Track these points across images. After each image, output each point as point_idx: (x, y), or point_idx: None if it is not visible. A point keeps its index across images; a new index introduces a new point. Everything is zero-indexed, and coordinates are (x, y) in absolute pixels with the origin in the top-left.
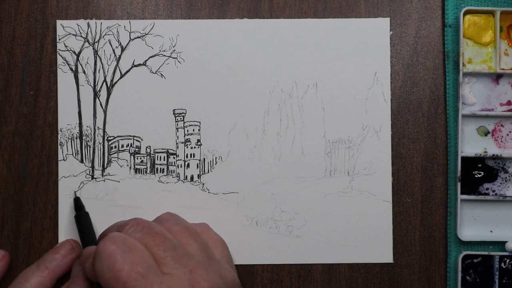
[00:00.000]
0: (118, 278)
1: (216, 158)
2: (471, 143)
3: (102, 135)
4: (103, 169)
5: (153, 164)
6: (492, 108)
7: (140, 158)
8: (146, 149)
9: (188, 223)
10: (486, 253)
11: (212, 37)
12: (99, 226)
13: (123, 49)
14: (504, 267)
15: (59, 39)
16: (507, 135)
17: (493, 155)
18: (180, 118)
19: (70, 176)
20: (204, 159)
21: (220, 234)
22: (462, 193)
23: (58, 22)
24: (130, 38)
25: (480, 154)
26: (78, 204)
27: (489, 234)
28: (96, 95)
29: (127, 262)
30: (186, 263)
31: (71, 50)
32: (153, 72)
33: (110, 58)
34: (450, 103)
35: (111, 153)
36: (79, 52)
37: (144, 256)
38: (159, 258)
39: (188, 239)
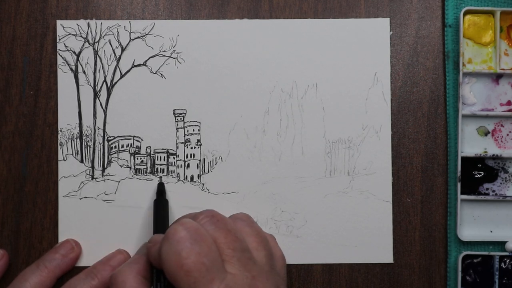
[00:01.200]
0: (182, 265)
1: (216, 158)
2: (471, 143)
3: (102, 135)
4: (103, 169)
5: (153, 164)
6: (492, 108)
7: (140, 158)
8: (146, 149)
9: (260, 228)
10: (486, 253)
11: (212, 37)
12: (99, 226)
13: (123, 49)
14: (504, 267)
15: (59, 39)
16: (507, 135)
17: (493, 155)
18: (180, 118)
19: (70, 176)
20: (204, 159)
21: None
22: (462, 193)
23: (58, 22)
24: (130, 38)
25: (480, 154)
26: (161, 189)
27: (489, 234)
28: (96, 95)
29: (195, 251)
30: (250, 268)
31: (71, 50)
32: (153, 72)
33: (110, 58)
34: (450, 103)
35: (111, 153)
36: (79, 52)
37: (212, 250)
38: (225, 256)
39: (257, 244)
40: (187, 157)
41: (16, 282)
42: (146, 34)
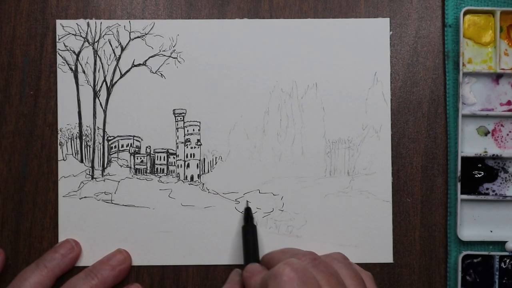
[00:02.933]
0: None
1: (216, 158)
2: (471, 143)
3: (102, 135)
4: (103, 169)
5: (153, 164)
6: (492, 108)
7: (140, 158)
8: (146, 149)
9: (357, 269)
10: (486, 253)
11: (212, 37)
12: (99, 226)
13: (123, 49)
14: (504, 267)
15: (59, 39)
16: (507, 135)
17: (493, 155)
18: (180, 118)
19: (70, 176)
20: (204, 159)
21: (220, 234)
22: (462, 193)
23: (58, 22)
24: (130, 38)
25: (480, 154)
26: (248, 214)
27: (489, 234)
28: (96, 95)
29: None
30: None
31: (71, 50)
32: (153, 72)
33: (110, 58)
34: (450, 103)
35: (111, 153)
36: (79, 52)
37: None
38: None
39: (356, 287)
40: (187, 157)
41: (15, 281)
42: (146, 34)
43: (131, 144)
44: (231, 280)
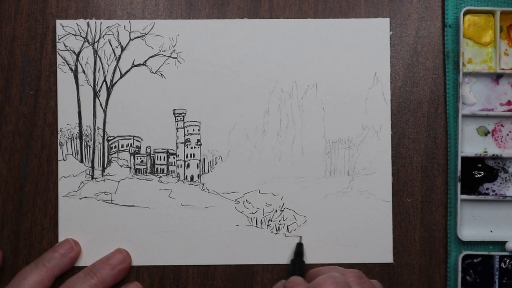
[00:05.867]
0: None
1: (216, 158)
2: (471, 143)
3: (102, 135)
4: (103, 169)
5: (153, 164)
6: (492, 108)
7: (140, 158)
8: (146, 149)
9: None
10: (486, 253)
11: (212, 37)
12: (99, 226)
13: (123, 49)
14: (504, 267)
15: (59, 39)
16: (507, 135)
17: (493, 155)
18: (180, 118)
19: (70, 176)
20: (204, 159)
21: (220, 234)
22: (462, 193)
23: (58, 22)
24: (130, 38)
25: (480, 154)
26: (299, 250)
27: (489, 234)
28: (96, 95)
29: None
30: None
31: (71, 50)
32: (153, 72)
33: (110, 58)
34: (450, 103)
35: (111, 153)
36: (79, 52)
37: None
38: None
39: None
40: (187, 157)
41: (15, 280)
42: (146, 34)
43: (131, 144)
44: None
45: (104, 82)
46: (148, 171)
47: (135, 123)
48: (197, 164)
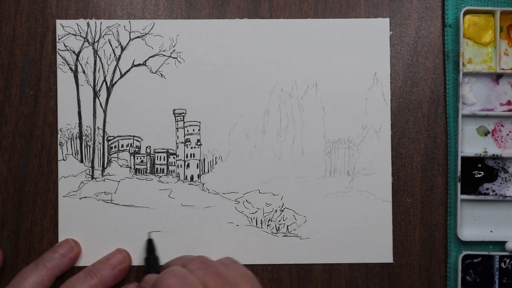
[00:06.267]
0: None
1: (216, 158)
2: (471, 143)
3: (102, 135)
4: (103, 169)
5: (153, 164)
6: (492, 108)
7: (140, 158)
8: (146, 149)
9: (245, 269)
10: (486, 253)
11: (212, 37)
12: (99, 226)
13: (123, 49)
14: (504, 267)
15: (59, 39)
16: (507, 135)
17: (493, 155)
18: (180, 118)
19: (70, 176)
20: (204, 159)
21: (220, 234)
22: (462, 193)
23: (58, 22)
24: (130, 38)
25: (480, 154)
26: (151, 246)
27: (489, 234)
28: (96, 95)
29: None
30: None
31: (70, 50)
32: (153, 72)
33: (110, 58)
34: (450, 103)
35: (111, 153)
36: (79, 52)
37: None
38: None
39: (246, 285)
40: (187, 157)
41: (15, 281)
42: (146, 34)
43: (131, 144)
44: None
45: (104, 82)
46: (148, 171)
47: (135, 123)
48: (197, 164)
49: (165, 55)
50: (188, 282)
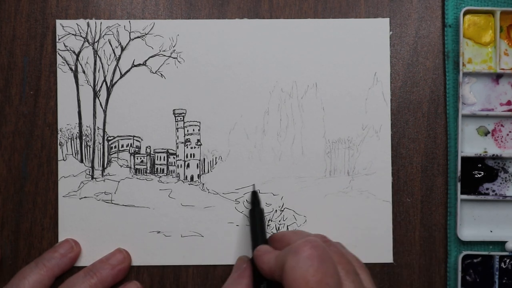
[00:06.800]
0: (308, 282)
1: (216, 158)
2: (471, 143)
3: (102, 135)
4: (103, 169)
5: (153, 164)
6: (492, 108)
7: (140, 158)
8: (146, 149)
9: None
10: (486, 253)
11: (212, 37)
12: (99, 226)
13: (123, 49)
14: (504, 267)
15: (59, 39)
16: (507, 135)
17: (493, 155)
18: (180, 118)
19: (70, 176)
20: (204, 159)
21: (220, 234)
22: (462, 193)
23: (58, 22)
24: (130, 38)
25: (480, 154)
26: (255, 198)
27: (489, 234)
28: (96, 95)
29: (322, 270)
30: None
31: (70, 50)
32: (153, 72)
33: (110, 58)
34: (450, 103)
35: (111, 153)
36: (79, 52)
37: (335, 271)
38: (340, 278)
39: (360, 268)
40: (187, 157)
41: (14, 280)
42: (146, 34)
43: (131, 144)
44: (238, 268)
45: (104, 82)
46: (148, 171)
47: (135, 123)
48: (197, 164)
49: (165, 55)
50: (326, 255)
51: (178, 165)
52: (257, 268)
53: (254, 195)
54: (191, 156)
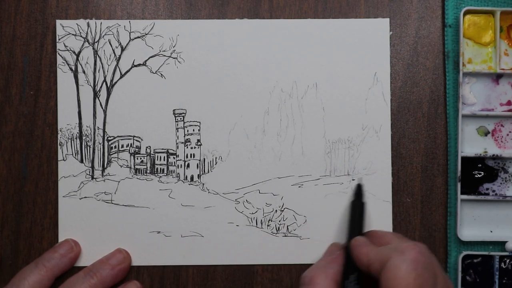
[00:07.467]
0: (408, 284)
1: (216, 158)
2: (471, 143)
3: (102, 135)
4: (103, 169)
5: (153, 164)
6: (492, 108)
7: (140, 158)
8: (146, 149)
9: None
10: (486, 253)
11: (212, 37)
12: (99, 226)
13: (123, 49)
14: (504, 267)
15: (59, 39)
16: (507, 135)
17: (493, 155)
18: (180, 118)
19: (70, 176)
20: (204, 159)
21: (220, 234)
22: (462, 193)
23: (58, 22)
24: (130, 38)
25: (480, 154)
26: (360, 190)
27: (489, 234)
28: (96, 95)
29: (424, 277)
30: None
31: (71, 50)
32: (153, 72)
33: (110, 58)
34: (450, 103)
35: (111, 153)
36: (79, 52)
37: (435, 282)
38: None
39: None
40: (187, 157)
41: (14, 280)
42: (146, 34)
43: (131, 144)
44: (331, 252)
45: (104, 82)
46: (148, 171)
47: (135, 123)
48: (197, 164)
49: (165, 55)
50: (430, 265)
51: (178, 165)
52: (350, 257)
53: (359, 188)
54: (191, 156)
